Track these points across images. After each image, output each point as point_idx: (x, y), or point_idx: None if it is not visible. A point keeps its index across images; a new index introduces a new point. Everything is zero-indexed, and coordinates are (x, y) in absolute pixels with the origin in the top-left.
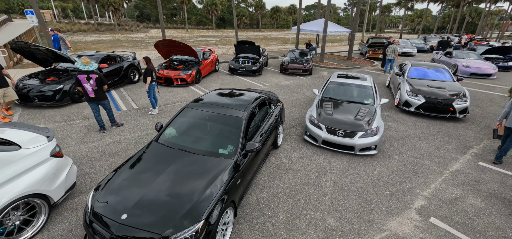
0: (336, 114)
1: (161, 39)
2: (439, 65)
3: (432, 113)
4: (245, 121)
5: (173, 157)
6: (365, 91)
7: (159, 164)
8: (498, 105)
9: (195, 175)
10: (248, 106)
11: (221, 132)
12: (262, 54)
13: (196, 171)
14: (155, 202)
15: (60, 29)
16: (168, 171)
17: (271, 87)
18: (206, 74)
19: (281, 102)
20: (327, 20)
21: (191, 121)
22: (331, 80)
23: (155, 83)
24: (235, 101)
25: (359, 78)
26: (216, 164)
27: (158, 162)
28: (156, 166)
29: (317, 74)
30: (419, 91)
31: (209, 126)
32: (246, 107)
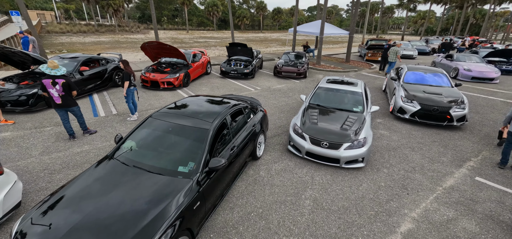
0: (322, 123)
1: (147, 41)
2: (436, 70)
3: (428, 121)
4: (212, 133)
5: (125, 176)
6: (354, 98)
7: (107, 184)
8: (499, 112)
9: (145, 198)
10: (218, 116)
11: (183, 146)
12: (256, 57)
13: (147, 192)
14: (92, 230)
15: (61, 30)
16: (116, 192)
17: (262, 91)
18: (196, 77)
19: (264, 110)
20: (324, 21)
21: (153, 133)
22: (319, 85)
23: (134, 88)
24: (206, 110)
25: (349, 83)
26: (172, 184)
27: (106, 181)
28: (103, 186)
29: (312, 77)
30: (415, 97)
31: (172, 139)
32: (216, 117)
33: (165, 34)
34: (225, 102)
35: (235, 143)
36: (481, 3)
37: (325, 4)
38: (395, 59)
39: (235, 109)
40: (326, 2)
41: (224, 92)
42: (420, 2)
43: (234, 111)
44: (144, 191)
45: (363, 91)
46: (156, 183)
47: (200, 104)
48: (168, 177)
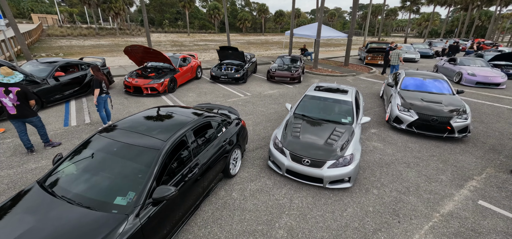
0: (305, 137)
1: (130, 45)
2: (436, 75)
3: (427, 132)
4: (163, 154)
5: (48, 211)
6: (343, 108)
7: (23, 221)
8: (506, 121)
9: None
10: (175, 133)
11: (127, 171)
12: (249, 61)
13: (69, 234)
14: None
15: (62, 33)
16: (30, 231)
17: (252, 97)
18: (184, 82)
19: (242, 122)
20: (320, 24)
21: (96, 153)
22: (306, 93)
23: (107, 95)
24: (164, 125)
25: (339, 91)
26: (102, 223)
27: (23, 218)
28: (18, 223)
29: (307, 82)
30: (412, 105)
31: (115, 162)
32: (172, 134)
33: (166, 37)
34: (191, 114)
35: (199, 162)
36: (486, 4)
37: (322, 6)
38: (397, 62)
39: (201, 123)
40: (322, 4)
41: (211, 98)
42: (423, 4)
43: (200, 125)
44: (69, 230)
45: (353, 100)
46: (83, 222)
47: (160, 118)
48: (99, 212)
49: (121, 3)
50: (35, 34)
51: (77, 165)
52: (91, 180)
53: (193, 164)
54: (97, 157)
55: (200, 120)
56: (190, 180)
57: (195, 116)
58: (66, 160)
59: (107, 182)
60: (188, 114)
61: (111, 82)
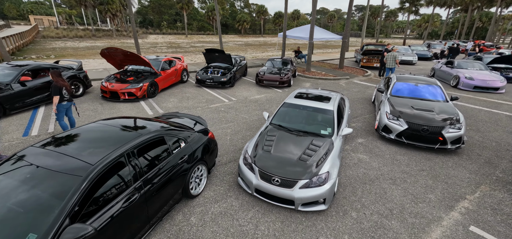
0: (277, 151)
1: (106, 47)
2: (429, 80)
3: (417, 143)
4: (85, 183)
5: None
6: (324, 118)
7: None
8: (504, 130)
9: None
10: (108, 155)
11: (36, 204)
12: (238, 63)
13: None
14: None
15: (57, 35)
16: None
17: (237, 102)
18: (168, 86)
19: (209, 134)
20: (313, 25)
21: (7, 180)
22: (285, 101)
23: (69, 103)
24: (102, 143)
25: (321, 98)
26: None
27: None
28: None
29: (298, 85)
30: (401, 114)
31: (27, 192)
32: (104, 156)
33: (164, 38)
34: (142, 129)
35: (143, 186)
36: (487, 5)
37: (314, 7)
38: (393, 64)
39: (150, 139)
40: (315, 4)
41: (193, 103)
42: (422, 5)
43: (148, 142)
44: None
45: (335, 109)
46: None
47: (102, 133)
48: None
49: (117, 5)
50: (29, 35)
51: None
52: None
53: (133, 189)
54: (7, 184)
55: (148, 137)
56: (128, 209)
57: (144, 131)
58: None
59: (10, 221)
60: (139, 129)
61: (88, 86)
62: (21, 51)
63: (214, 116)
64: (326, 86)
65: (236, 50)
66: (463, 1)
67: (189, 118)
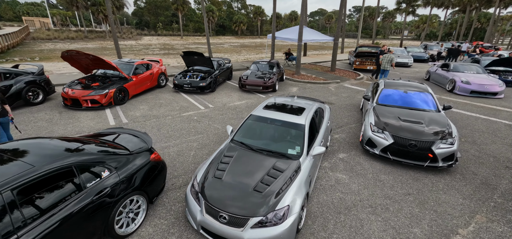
0: (231, 177)
1: (67, 50)
2: (420, 86)
3: (404, 160)
4: None
5: None
6: (292, 134)
7: None
8: (503, 142)
9: None
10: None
11: None
12: (221, 67)
13: None
14: None
15: (48, 36)
16: None
17: (214, 110)
18: (142, 91)
19: (153, 155)
20: (302, 26)
21: None
22: (252, 113)
23: (5, 118)
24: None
25: (293, 110)
26: None
27: None
28: None
29: (284, 90)
30: (386, 125)
31: None
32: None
33: (158, 40)
34: (45, 156)
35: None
36: (485, 6)
37: (303, 7)
38: (389, 67)
39: (49, 172)
40: (304, 5)
41: (165, 111)
42: (419, 6)
43: (44, 176)
44: None
45: (307, 123)
46: None
47: None
48: None
49: (110, 6)
50: (17, 37)
51: None
52: None
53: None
54: None
55: (42, 172)
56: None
57: (44, 161)
58: None
59: None
60: (40, 156)
61: (50, 93)
62: (5, 53)
63: (183, 126)
64: (314, 90)
65: (230, 52)
66: (461, 2)
67: (133, 135)
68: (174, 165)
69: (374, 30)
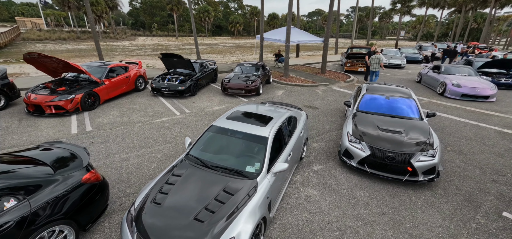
0: (173, 202)
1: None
2: (403, 91)
3: (381, 174)
4: None
5: None
6: (254, 148)
7: None
8: (491, 151)
9: None
10: None
11: None
12: (204, 69)
13: None
14: None
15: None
16: None
17: (190, 115)
18: (116, 95)
19: (88, 176)
20: (289, 27)
21: None
22: (214, 123)
23: None
24: None
25: (260, 120)
26: None
27: None
28: None
29: (269, 93)
30: (364, 135)
31: None
32: None
33: (152, 40)
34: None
35: None
36: (481, 6)
37: (290, 7)
38: (377, 68)
39: None
40: (290, 4)
41: (137, 117)
42: (414, 6)
43: None
44: None
45: (272, 135)
46: None
47: None
48: None
49: (103, 6)
50: (6, 38)
51: None
52: None
53: None
54: None
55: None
56: None
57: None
58: None
59: None
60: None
61: (13, 98)
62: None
63: (152, 134)
64: (300, 94)
65: (224, 53)
66: (456, 2)
67: (68, 151)
68: (129, 181)
69: (369, 31)
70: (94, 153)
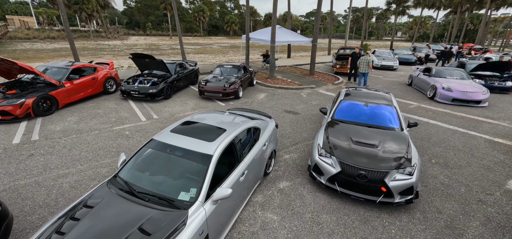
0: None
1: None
2: (385, 97)
3: (353, 194)
4: None
5: None
6: (193, 169)
7: None
8: (479, 164)
9: None
10: None
11: None
12: (182, 70)
13: None
14: None
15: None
16: None
17: (157, 122)
18: (80, 98)
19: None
20: (274, 27)
21: None
22: (154, 137)
23: None
24: None
25: (209, 133)
26: None
27: None
28: None
29: (250, 97)
30: (334, 149)
31: None
32: None
33: (146, 40)
34: None
35: None
36: (477, 7)
37: (275, 7)
38: (367, 69)
39: None
40: (275, 3)
41: (96, 123)
42: (409, 7)
43: None
44: None
45: (218, 153)
46: None
47: None
48: None
49: (94, 4)
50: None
51: None
52: None
53: None
54: None
55: None
56: None
57: None
58: None
59: None
60: None
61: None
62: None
63: (105, 145)
64: (283, 97)
65: (216, 52)
66: (451, 3)
67: None
68: (57, 204)
69: (363, 32)
70: (28, 168)
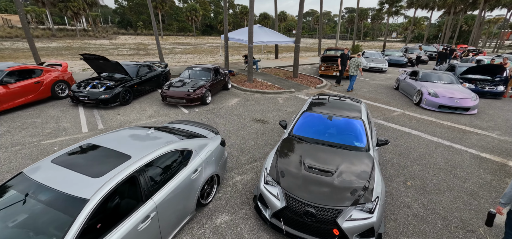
0: None
1: None
2: (353, 107)
3: (300, 236)
4: None
5: None
6: (60, 221)
7: None
8: (462, 189)
9: None
10: None
11: None
12: (145, 74)
13: None
14: None
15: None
16: None
17: (103, 132)
18: (20, 104)
19: None
20: (252, 27)
21: None
22: (24, 171)
23: None
24: None
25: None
26: None
27: None
28: None
29: (220, 103)
30: (282, 176)
31: None
32: None
33: (135, 39)
34: None
35: None
36: (470, 8)
37: (251, 6)
38: (356, 72)
39: None
40: (252, 2)
41: (24, 136)
42: (402, 7)
43: None
44: None
45: (101, 195)
46: None
47: None
48: None
49: (80, 3)
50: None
51: None
52: None
53: None
54: None
55: None
56: None
57: None
58: None
59: None
60: None
61: None
62: None
63: (21, 165)
64: (257, 102)
65: (206, 53)
66: (445, 3)
67: None
68: None
69: (354, 32)
70: None
